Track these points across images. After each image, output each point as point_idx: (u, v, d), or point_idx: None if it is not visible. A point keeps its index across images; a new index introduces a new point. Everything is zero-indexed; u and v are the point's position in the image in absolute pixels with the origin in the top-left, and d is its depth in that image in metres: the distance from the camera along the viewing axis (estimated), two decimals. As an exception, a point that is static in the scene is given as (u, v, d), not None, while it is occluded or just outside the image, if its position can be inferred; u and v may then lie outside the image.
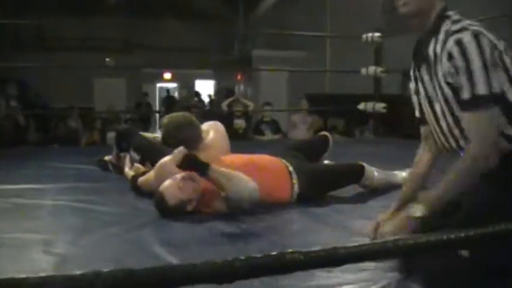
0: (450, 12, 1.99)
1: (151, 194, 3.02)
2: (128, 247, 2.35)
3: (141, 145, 3.89)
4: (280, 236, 2.58)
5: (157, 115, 14.00)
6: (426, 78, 2.04)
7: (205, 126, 3.50)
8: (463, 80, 1.83)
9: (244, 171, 2.87)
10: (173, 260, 2.11)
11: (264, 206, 2.89)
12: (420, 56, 2.07)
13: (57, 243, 2.36)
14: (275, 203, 2.98)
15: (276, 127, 8.06)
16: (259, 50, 13.67)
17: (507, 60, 1.88)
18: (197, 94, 15.16)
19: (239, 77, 15.58)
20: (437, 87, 1.98)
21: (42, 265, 2.08)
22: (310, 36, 11.19)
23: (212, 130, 3.47)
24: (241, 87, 15.24)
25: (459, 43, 1.84)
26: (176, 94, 17.98)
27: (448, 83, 1.91)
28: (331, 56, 12.55)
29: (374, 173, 3.34)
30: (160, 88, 18.47)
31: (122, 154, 4.11)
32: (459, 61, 1.83)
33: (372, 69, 6.19)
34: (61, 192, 3.46)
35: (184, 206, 2.79)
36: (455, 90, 1.89)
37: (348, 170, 3.38)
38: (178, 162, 2.73)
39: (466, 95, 1.83)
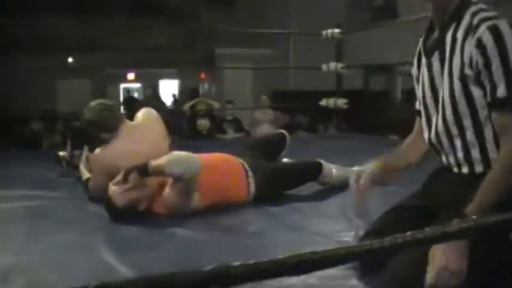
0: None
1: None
2: (76, 254, 2.27)
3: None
4: (237, 237, 2.53)
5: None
6: (436, 65, 1.86)
7: (139, 113, 3.48)
8: (497, 74, 1.64)
9: (203, 171, 2.82)
10: (122, 267, 2.04)
11: (220, 206, 2.84)
12: (433, 42, 1.88)
13: (2, 252, 2.27)
14: (231, 203, 2.92)
15: (238, 125, 8.01)
16: (222, 48, 13.60)
17: None
18: (157, 96, 15.08)
19: (203, 75, 15.49)
20: (446, 78, 1.80)
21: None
22: (274, 33, 11.18)
23: (142, 115, 3.45)
24: (206, 86, 15.16)
25: (495, 31, 1.64)
26: (136, 94, 17.80)
27: (463, 75, 1.73)
28: (295, 53, 12.56)
29: (332, 170, 3.31)
30: (125, 89, 18.31)
31: (76, 152, 4.00)
32: (493, 51, 1.63)
33: (332, 65, 6.17)
34: (12, 197, 3.35)
35: (135, 206, 2.72)
36: (466, 83, 1.73)
37: (305, 167, 3.34)
38: (121, 178, 2.70)
39: (501, 92, 1.64)
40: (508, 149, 1.65)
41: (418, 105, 2.01)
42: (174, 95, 15.86)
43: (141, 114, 3.48)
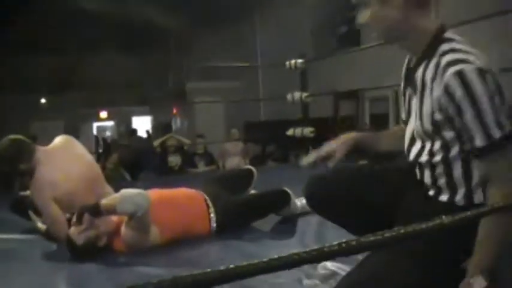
0: (449, 34, 1.75)
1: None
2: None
3: None
4: (194, 270, 2.54)
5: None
6: (413, 102, 1.84)
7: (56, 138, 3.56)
8: (472, 124, 1.62)
9: (158, 208, 2.84)
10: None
11: (181, 241, 2.87)
12: (408, 79, 1.87)
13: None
14: (192, 236, 2.94)
15: (209, 159, 8.04)
16: (193, 82, 13.69)
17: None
18: (134, 131, 15.05)
19: (175, 111, 15.54)
20: (417, 118, 1.79)
21: None
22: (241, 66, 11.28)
23: (58, 139, 3.55)
24: (178, 121, 15.19)
25: (461, 77, 1.60)
26: (109, 133, 17.79)
27: (434, 121, 1.72)
28: (264, 84, 12.68)
29: (296, 201, 3.35)
30: (98, 127, 18.29)
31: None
32: (463, 100, 1.61)
33: (297, 94, 6.24)
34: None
35: (94, 243, 2.75)
36: (438, 127, 1.71)
37: (271, 199, 3.37)
38: (75, 220, 2.75)
39: (479, 142, 1.62)
40: (496, 197, 1.64)
41: (404, 116, 2.00)
42: (147, 131, 15.88)
43: (57, 138, 3.55)
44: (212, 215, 3.06)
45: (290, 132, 6.36)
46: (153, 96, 15.49)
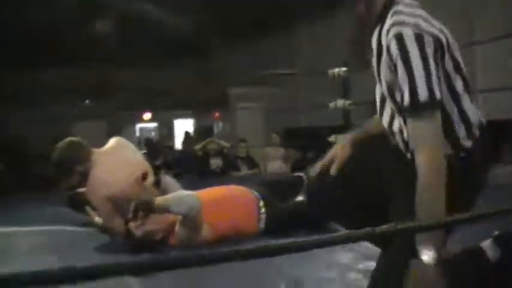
0: None
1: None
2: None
3: None
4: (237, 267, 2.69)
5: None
6: (375, 67, 1.86)
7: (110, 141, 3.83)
8: (402, 81, 1.65)
9: (210, 207, 3.02)
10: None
11: (231, 239, 3.01)
12: (369, 46, 1.89)
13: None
14: (242, 236, 3.08)
15: (251, 162, 8.20)
16: (235, 87, 13.85)
17: (447, 56, 1.72)
18: (187, 133, 15.28)
19: (217, 114, 15.73)
20: (379, 81, 1.84)
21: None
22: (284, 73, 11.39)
23: (112, 142, 3.80)
24: (220, 125, 15.37)
25: (398, 37, 1.65)
26: (153, 134, 18.01)
27: (387, 82, 1.75)
28: (304, 90, 12.76)
29: None
30: (141, 129, 18.51)
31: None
32: (398, 58, 1.65)
33: (340, 102, 6.35)
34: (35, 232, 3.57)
35: (151, 236, 2.94)
36: (391, 89, 1.74)
37: None
38: (131, 216, 2.96)
39: (406, 100, 1.65)
40: (424, 169, 1.64)
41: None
42: (186, 132, 16.06)
43: (112, 140, 3.75)
44: (263, 215, 3.20)
45: (332, 138, 6.48)
46: (196, 100, 15.69)
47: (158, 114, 17.82)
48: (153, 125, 18.51)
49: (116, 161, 3.55)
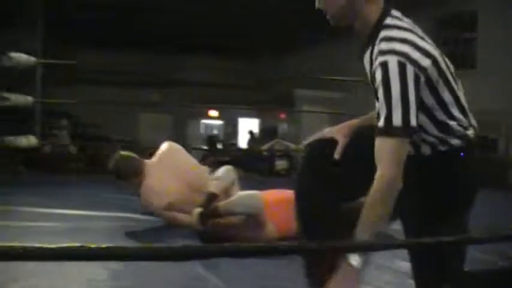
0: (388, 20, 1.85)
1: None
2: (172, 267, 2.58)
3: None
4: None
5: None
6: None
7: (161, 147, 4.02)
8: (381, 106, 1.74)
9: (273, 207, 3.16)
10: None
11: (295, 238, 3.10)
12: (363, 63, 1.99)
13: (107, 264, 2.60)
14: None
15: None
16: (301, 89, 13.92)
17: (424, 88, 1.79)
18: (251, 133, 15.42)
19: (282, 115, 15.83)
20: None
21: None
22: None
23: (162, 149, 3.97)
24: (285, 125, 15.48)
25: (383, 66, 1.74)
26: (215, 132, 18.24)
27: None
28: (368, 97, 12.73)
29: None
30: (206, 125, 18.75)
31: None
32: (380, 85, 1.74)
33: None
34: (100, 217, 3.75)
35: (222, 232, 3.10)
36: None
37: None
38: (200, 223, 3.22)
39: (381, 122, 1.74)
40: (381, 177, 1.72)
41: None
42: (251, 132, 16.24)
43: (163, 146, 3.94)
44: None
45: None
46: (262, 100, 15.85)
47: (223, 112, 18.06)
48: (218, 122, 18.73)
49: (167, 171, 3.74)
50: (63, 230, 3.52)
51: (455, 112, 1.85)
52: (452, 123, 1.84)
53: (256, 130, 16.94)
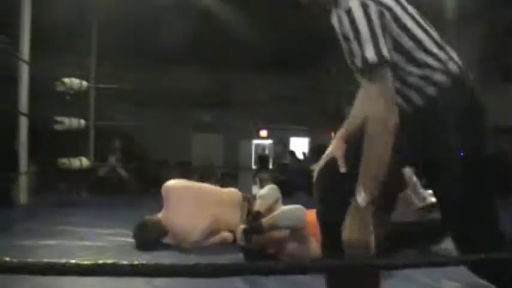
0: None
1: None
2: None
3: None
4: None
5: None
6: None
7: None
8: (354, 48, 1.81)
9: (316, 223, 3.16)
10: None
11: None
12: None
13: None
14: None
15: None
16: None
17: (393, 26, 1.86)
18: (292, 153, 15.45)
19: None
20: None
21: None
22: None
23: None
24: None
25: (348, 12, 1.82)
26: (267, 151, 18.33)
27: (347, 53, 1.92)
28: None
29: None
30: (256, 145, 18.87)
31: None
32: (350, 30, 1.81)
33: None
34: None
35: (265, 249, 3.13)
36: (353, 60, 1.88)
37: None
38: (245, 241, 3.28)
39: (359, 63, 1.80)
40: (374, 121, 1.76)
41: None
42: (304, 153, 16.25)
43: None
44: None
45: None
46: (312, 119, 15.83)
47: (274, 130, 18.10)
48: (268, 141, 18.80)
49: (193, 208, 3.88)
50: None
51: (432, 48, 1.90)
52: (430, 59, 1.87)
53: (307, 149, 16.93)
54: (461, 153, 1.81)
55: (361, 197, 1.74)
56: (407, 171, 3.50)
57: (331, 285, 1.92)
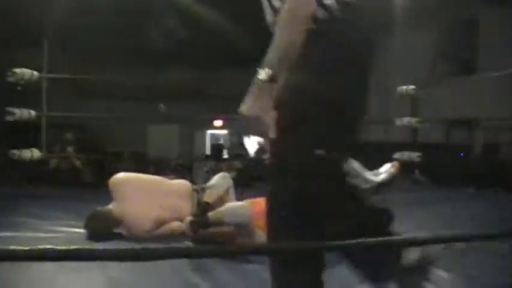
0: None
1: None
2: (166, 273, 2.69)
3: None
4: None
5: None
6: None
7: None
8: None
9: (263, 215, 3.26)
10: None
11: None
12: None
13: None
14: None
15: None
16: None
17: None
18: (242, 144, 15.50)
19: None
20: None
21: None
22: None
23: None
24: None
25: None
26: (222, 141, 18.37)
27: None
28: (375, 104, 12.78)
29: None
30: (212, 135, 18.88)
31: None
32: None
33: (406, 119, 6.42)
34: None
35: (214, 240, 3.22)
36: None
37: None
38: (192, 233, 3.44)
39: None
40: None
41: None
42: (259, 143, 16.32)
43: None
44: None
45: (397, 155, 6.53)
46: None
47: (229, 122, 18.13)
48: (223, 132, 18.83)
49: (142, 199, 3.95)
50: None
51: None
52: None
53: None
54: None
55: (264, 72, 1.72)
56: (349, 163, 3.60)
57: (274, 271, 1.94)
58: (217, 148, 16.34)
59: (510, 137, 9.40)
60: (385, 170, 3.99)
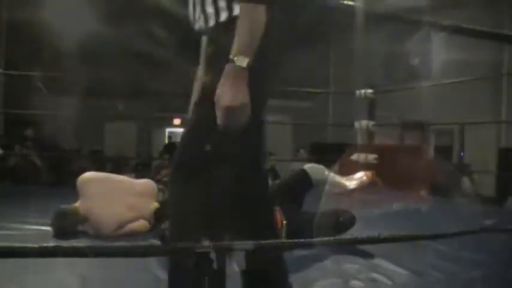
0: None
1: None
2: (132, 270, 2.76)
3: None
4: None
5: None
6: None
7: None
8: None
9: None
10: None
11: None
12: None
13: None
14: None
15: (274, 175, 8.50)
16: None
17: None
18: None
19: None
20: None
21: None
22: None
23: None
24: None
25: None
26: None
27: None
28: (334, 108, 12.99)
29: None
30: (170, 133, 18.81)
31: None
32: None
33: (364, 123, 6.58)
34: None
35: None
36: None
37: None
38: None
39: None
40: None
41: None
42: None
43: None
44: (284, 225, 3.48)
45: (354, 157, 6.70)
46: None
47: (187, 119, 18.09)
48: (182, 129, 18.77)
49: (108, 198, 4.04)
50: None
51: None
52: None
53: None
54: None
55: (244, 59, 1.71)
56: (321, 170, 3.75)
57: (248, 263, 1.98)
58: (170, 146, 16.30)
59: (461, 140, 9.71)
60: (358, 177, 4.18)
